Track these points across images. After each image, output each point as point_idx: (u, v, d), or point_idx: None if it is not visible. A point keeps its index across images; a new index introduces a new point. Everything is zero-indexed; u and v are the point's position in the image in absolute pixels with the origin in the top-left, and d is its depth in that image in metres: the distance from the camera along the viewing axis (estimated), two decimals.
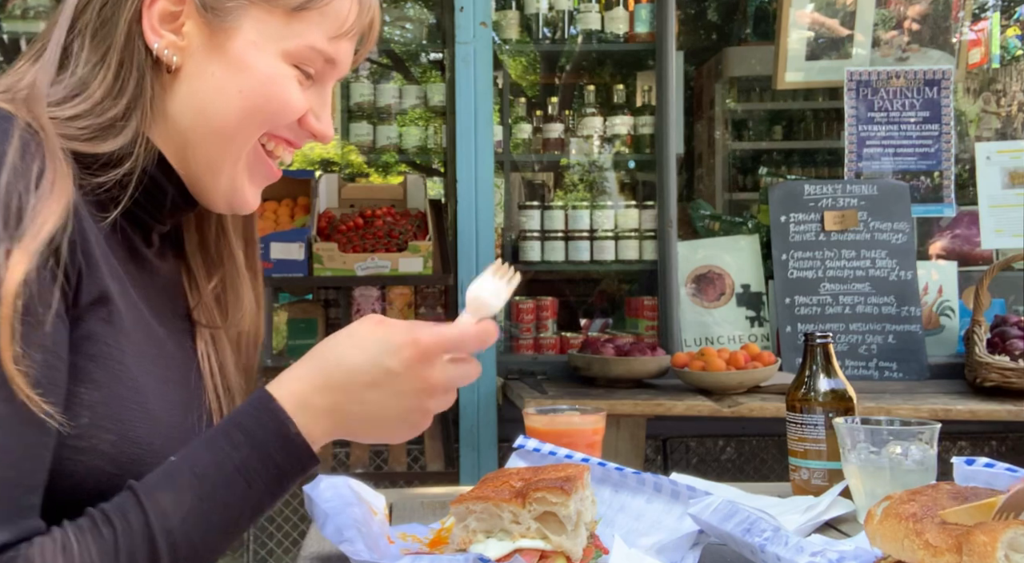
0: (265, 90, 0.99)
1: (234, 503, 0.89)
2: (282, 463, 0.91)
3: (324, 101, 1.05)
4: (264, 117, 1.00)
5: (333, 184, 3.35)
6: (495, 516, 1.02)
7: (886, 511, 0.93)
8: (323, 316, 3.84)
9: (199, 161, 1.01)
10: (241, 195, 1.04)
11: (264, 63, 0.99)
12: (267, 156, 1.04)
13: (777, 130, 5.44)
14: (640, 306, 3.76)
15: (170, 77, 0.99)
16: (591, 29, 3.88)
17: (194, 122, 0.99)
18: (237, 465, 0.89)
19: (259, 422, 0.91)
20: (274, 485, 0.91)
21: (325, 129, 1.05)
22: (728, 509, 1.06)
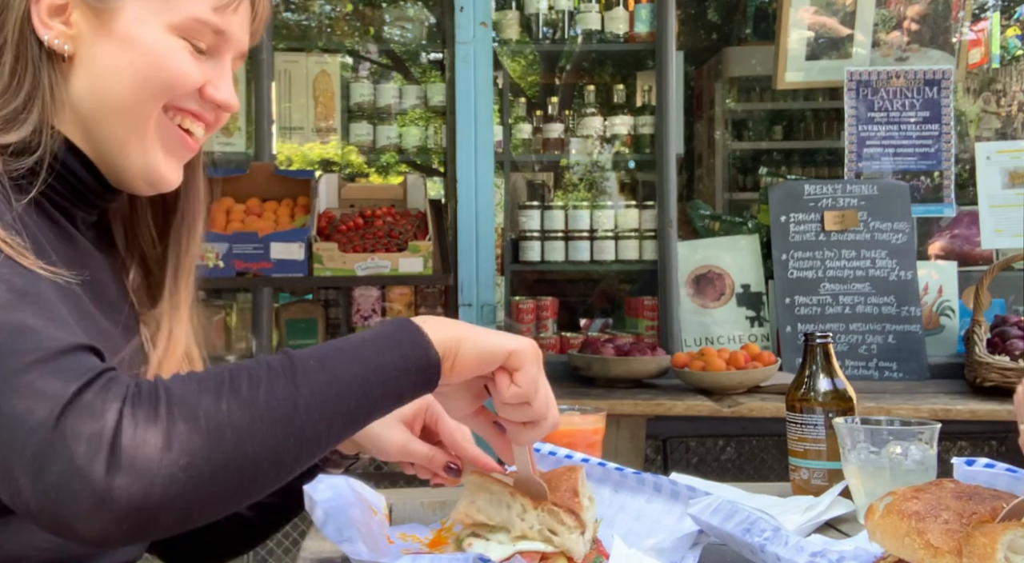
0: (154, 62, 1.02)
1: (354, 351, 0.90)
2: (401, 339, 0.92)
3: (222, 73, 1.08)
4: (157, 88, 1.03)
5: (333, 184, 3.35)
6: (504, 505, 1.02)
7: (888, 507, 0.93)
8: (323, 316, 3.84)
9: (106, 142, 1.04)
10: (157, 171, 1.06)
11: (151, 37, 1.02)
12: (177, 129, 1.07)
13: (777, 130, 5.44)
14: (640, 306, 3.76)
15: (66, 65, 1.03)
16: (591, 29, 3.88)
17: (93, 104, 1.03)
18: (361, 336, 0.92)
19: (379, 323, 0.99)
20: (392, 348, 0.91)
21: (227, 98, 1.08)
22: (728, 509, 1.06)
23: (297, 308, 3.91)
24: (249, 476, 0.81)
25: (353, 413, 0.88)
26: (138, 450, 0.76)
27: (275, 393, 0.82)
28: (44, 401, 0.77)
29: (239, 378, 0.82)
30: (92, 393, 0.78)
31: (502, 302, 3.92)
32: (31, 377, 0.79)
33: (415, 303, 3.84)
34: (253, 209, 3.26)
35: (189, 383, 0.82)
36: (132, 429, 0.77)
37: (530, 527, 1.01)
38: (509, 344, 0.95)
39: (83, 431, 0.76)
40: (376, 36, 4.64)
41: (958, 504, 0.90)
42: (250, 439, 0.80)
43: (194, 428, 0.78)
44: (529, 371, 0.95)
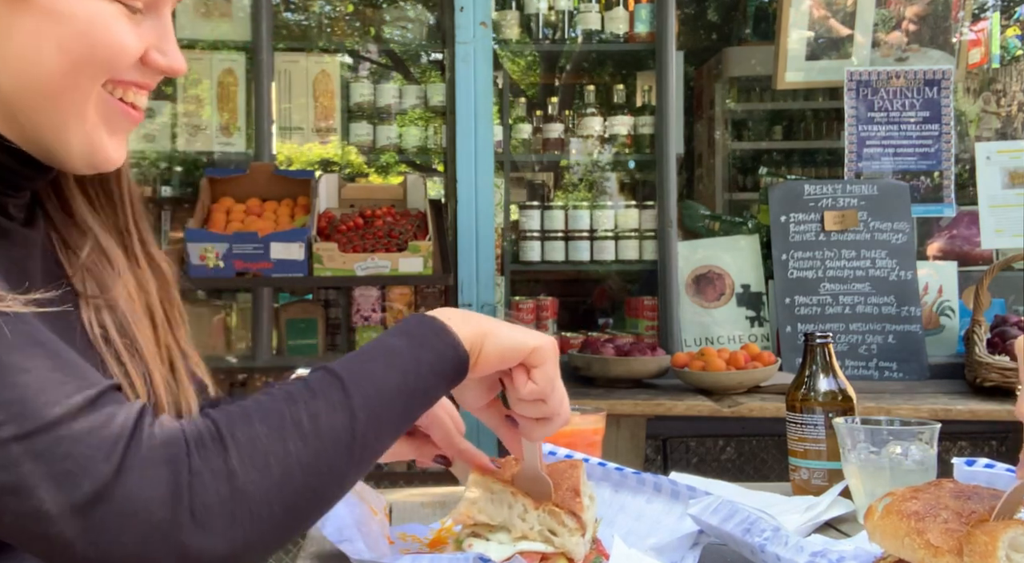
0: (88, 38, 0.86)
1: (398, 364, 0.89)
2: (432, 340, 0.92)
3: (164, 32, 0.92)
4: (95, 69, 0.88)
5: (333, 184, 3.35)
6: (506, 504, 1.02)
7: (887, 508, 0.93)
8: (323, 316, 3.84)
9: (38, 128, 0.89)
10: (102, 152, 0.92)
11: (79, 6, 0.85)
12: (120, 103, 0.92)
13: (777, 130, 5.44)
14: (640, 306, 3.76)
15: None
16: (591, 29, 3.89)
17: (15, 88, 0.86)
18: (391, 340, 0.91)
19: (405, 320, 0.95)
20: (426, 351, 0.91)
21: (173, 63, 0.93)
22: (728, 509, 1.06)
23: (297, 308, 3.91)
24: (317, 506, 0.83)
25: (399, 424, 0.89)
26: (216, 507, 0.75)
27: (334, 423, 0.82)
28: (93, 465, 0.72)
29: (297, 411, 0.81)
30: (145, 448, 0.74)
31: (502, 302, 3.93)
32: (64, 441, 0.72)
33: (415, 303, 3.84)
34: (253, 209, 3.26)
35: (250, 423, 0.80)
36: (206, 485, 0.75)
37: (531, 528, 1.01)
38: (531, 341, 0.95)
39: (153, 496, 0.73)
40: (376, 36, 4.64)
41: (957, 503, 0.90)
42: (317, 475, 0.81)
43: (266, 475, 0.78)
44: (547, 369, 0.96)
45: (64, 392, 0.74)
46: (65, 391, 0.75)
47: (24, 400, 0.73)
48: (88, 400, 0.75)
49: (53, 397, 0.74)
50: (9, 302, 0.78)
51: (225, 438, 0.78)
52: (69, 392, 0.75)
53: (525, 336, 0.96)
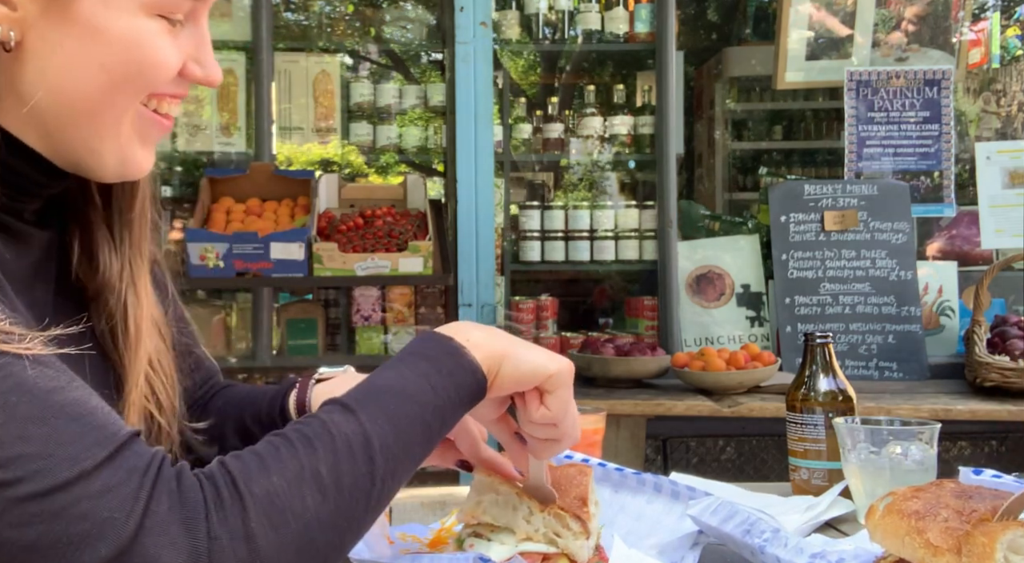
0: (131, 57, 0.85)
1: (414, 396, 0.86)
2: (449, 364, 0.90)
3: (201, 41, 0.91)
4: (137, 87, 0.87)
5: (333, 184, 3.35)
6: (511, 507, 1.02)
7: (888, 507, 0.93)
8: (323, 316, 3.84)
9: (73, 142, 0.88)
10: (134, 162, 0.91)
11: (122, 24, 0.84)
12: (154, 114, 0.91)
13: (777, 130, 5.44)
14: (640, 306, 3.76)
15: (11, 56, 0.83)
16: (591, 29, 3.89)
17: (53, 104, 0.85)
18: (405, 368, 0.89)
19: (420, 341, 0.92)
20: (445, 380, 0.89)
21: (210, 74, 0.92)
22: (728, 510, 1.06)
23: (297, 308, 3.91)
24: (334, 556, 0.80)
25: (418, 459, 0.87)
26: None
27: (355, 473, 0.80)
28: (110, 528, 0.69)
29: (317, 462, 0.78)
30: (164, 509, 0.72)
31: (502, 302, 3.93)
32: (83, 501, 0.69)
33: (415, 303, 3.84)
34: (253, 209, 3.26)
35: (267, 476, 0.76)
36: (224, 549, 0.72)
37: (536, 530, 1.01)
38: (548, 368, 0.94)
39: (172, 559, 0.70)
40: (376, 36, 4.64)
41: (958, 503, 0.90)
42: (335, 529, 0.79)
43: (285, 534, 0.75)
44: (561, 395, 0.95)
45: (83, 446, 0.71)
46: (84, 445, 0.71)
47: (43, 456, 0.70)
48: (108, 455, 0.72)
49: (72, 452, 0.71)
50: (30, 344, 0.74)
51: (243, 495, 0.75)
52: (88, 445, 0.71)
53: (542, 360, 0.94)
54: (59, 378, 0.74)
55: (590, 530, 1.02)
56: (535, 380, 0.94)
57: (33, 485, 0.69)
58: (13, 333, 0.74)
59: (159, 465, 0.74)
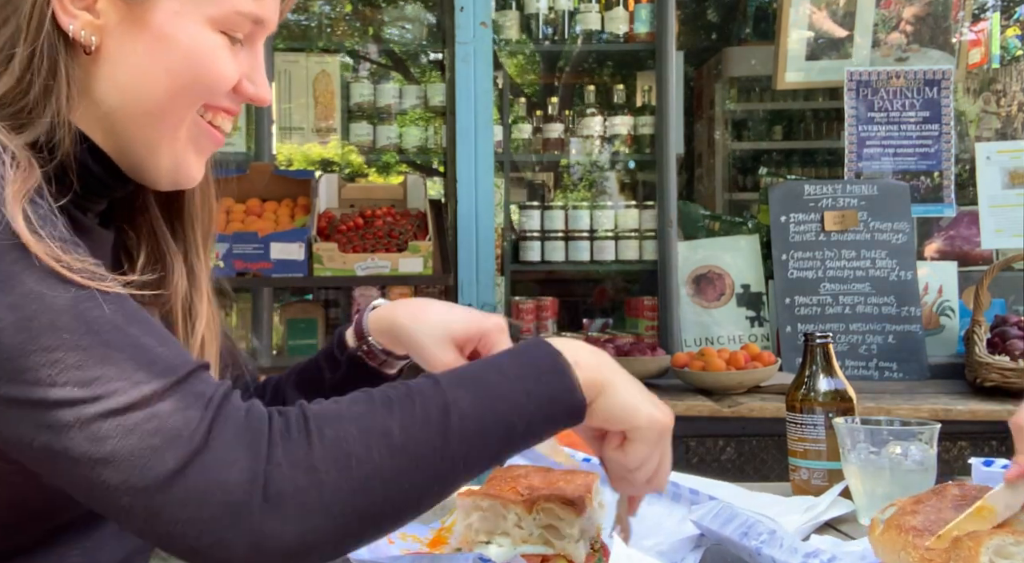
0: (194, 65, 0.93)
1: (506, 393, 0.86)
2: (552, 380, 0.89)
3: (256, 63, 1.00)
4: (196, 93, 0.95)
5: (333, 184, 3.35)
6: (500, 516, 1.01)
7: (888, 522, 0.94)
8: (323, 316, 3.84)
9: (134, 142, 0.95)
10: (186, 170, 0.99)
11: (190, 34, 0.92)
12: (209, 125, 0.99)
13: (777, 130, 5.44)
14: (640, 306, 3.76)
15: (90, 58, 0.92)
16: (591, 29, 3.89)
17: (121, 104, 0.93)
18: (505, 366, 0.89)
19: (529, 346, 0.92)
20: (542, 388, 0.88)
21: (262, 93, 1.00)
22: (728, 514, 1.07)
23: (297, 308, 3.91)
24: (391, 521, 0.82)
25: (493, 456, 0.86)
26: (291, 496, 0.76)
27: (426, 442, 0.81)
28: (177, 443, 0.75)
29: (391, 421, 0.80)
30: (230, 431, 0.77)
31: (502, 302, 3.93)
32: (154, 418, 0.76)
33: None
34: (253, 209, 3.26)
35: (340, 423, 0.80)
36: (284, 474, 0.76)
37: (529, 534, 1.01)
38: (640, 418, 0.92)
39: (229, 478, 0.75)
40: (376, 36, 4.64)
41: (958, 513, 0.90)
42: (397, 488, 0.80)
43: (346, 477, 0.78)
44: (640, 450, 0.93)
45: (157, 370, 0.78)
46: (157, 369, 0.78)
47: (120, 377, 0.76)
48: (179, 378, 0.78)
49: (146, 375, 0.77)
50: (110, 283, 0.81)
51: (312, 433, 0.78)
52: (161, 370, 0.78)
53: (639, 406, 0.92)
54: (136, 312, 0.82)
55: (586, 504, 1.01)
56: (622, 425, 0.92)
57: (111, 403, 0.76)
58: (96, 272, 0.81)
59: (225, 393, 0.80)
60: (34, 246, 0.79)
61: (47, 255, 0.79)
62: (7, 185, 0.81)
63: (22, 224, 0.79)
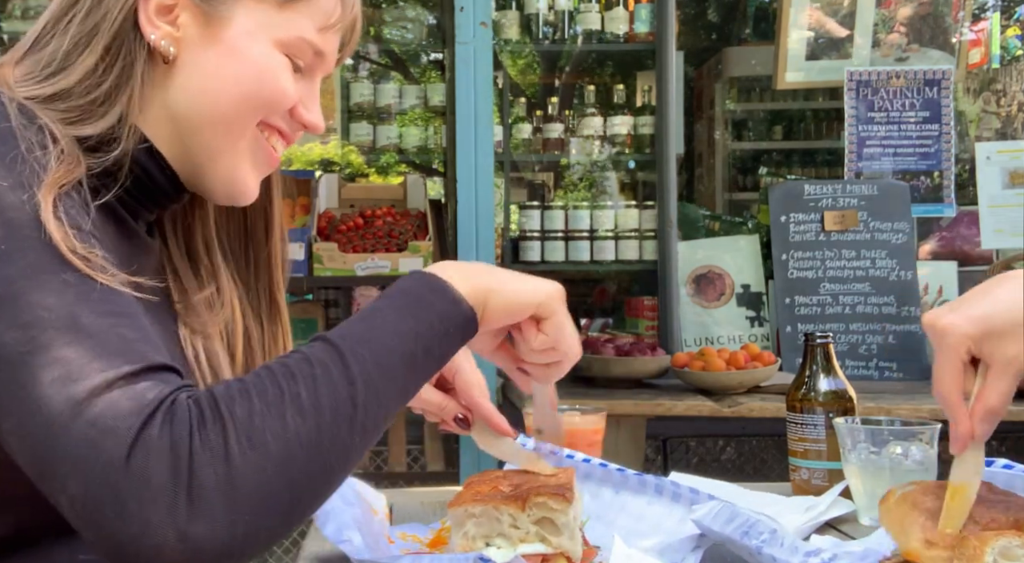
0: (260, 77, 1.00)
1: (395, 327, 0.89)
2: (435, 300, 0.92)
3: (313, 93, 1.07)
4: (259, 103, 1.01)
5: (333, 184, 3.35)
6: (494, 520, 1.01)
7: (904, 495, 0.94)
8: (323, 316, 3.84)
9: (198, 149, 1.01)
10: (242, 183, 1.04)
11: (259, 51, 1.00)
12: (266, 143, 1.05)
13: (777, 130, 5.45)
14: (640, 306, 3.76)
15: (166, 67, 0.99)
16: (591, 29, 3.88)
17: (190, 110, 1.00)
18: (386, 303, 0.92)
19: (404, 279, 0.95)
20: (426, 311, 0.91)
21: (316, 119, 1.07)
22: (728, 513, 1.07)
23: (297, 308, 3.91)
24: (322, 484, 0.82)
25: (404, 389, 0.88)
26: (214, 492, 0.75)
27: (334, 394, 0.82)
28: (112, 437, 0.75)
29: (295, 385, 0.81)
30: (157, 426, 0.76)
31: None
32: (96, 408, 0.76)
33: None
34: None
35: (248, 399, 0.80)
36: (204, 469, 0.75)
37: (526, 532, 1.01)
38: (538, 296, 0.96)
39: (155, 477, 0.74)
40: (376, 36, 4.64)
41: (977, 511, 0.90)
42: (319, 450, 0.80)
43: (264, 454, 0.77)
44: (557, 319, 0.97)
45: (116, 362, 0.78)
46: (117, 361, 0.78)
47: (79, 363, 0.77)
48: (131, 372, 0.78)
49: (105, 364, 0.78)
50: (110, 277, 0.84)
51: (223, 416, 0.78)
52: (120, 363, 0.78)
53: (530, 289, 0.97)
54: (122, 307, 0.83)
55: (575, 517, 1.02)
56: (526, 311, 0.97)
57: (63, 388, 0.76)
58: (100, 264, 0.84)
59: (171, 391, 0.79)
60: (51, 227, 0.82)
61: (59, 238, 0.82)
62: (48, 174, 0.85)
63: (48, 207, 0.83)
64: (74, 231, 0.84)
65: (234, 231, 1.16)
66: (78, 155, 0.91)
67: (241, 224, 1.16)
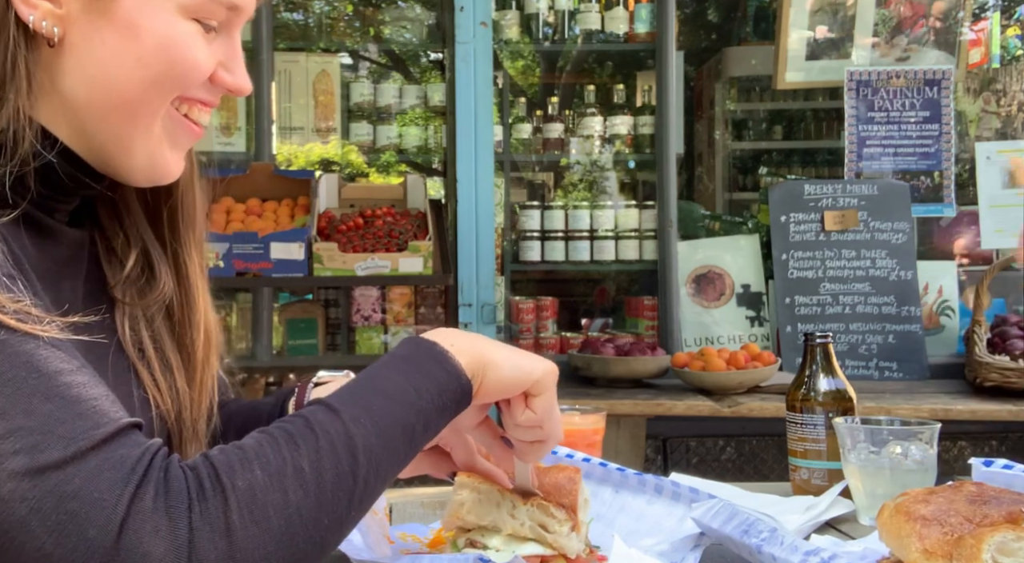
0: (166, 55, 0.88)
1: (398, 397, 0.86)
2: (434, 369, 0.89)
3: (233, 51, 0.94)
4: (169, 84, 0.89)
5: (333, 184, 3.35)
6: (494, 504, 1.02)
7: (897, 507, 0.93)
8: (323, 316, 3.84)
9: (105, 139, 0.90)
10: (163, 165, 0.94)
11: (160, 23, 0.87)
12: (184, 119, 0.94)
13: (777, 130, 5.44)
14: (640, 306, 3.76)
15: (52, 51, 0.86)
16: (591, 29, 3.89)
17: (89, 98, 0.88)
18: (389, 370, 0.88)
19: (405, 345, 0.92)
20: (427, 382, 0.88)
21: (239, 82, 0.95)
22: (728, 512, 1.07)
23: (297, 308, 3.91)
24: (316, 556, 0.79)
25: (401, 461, 0.86)
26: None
27: (337, 470, 0.79)
28: (99, 511, 0.69)
29: (299, 458, 0.78)
30: (150, 498, 0.71)
31: (502, 302, 3.93)
32: (75, 479, 0.70)
33: (415, 303, 3.84)
34: (253, 209, 3.26)
35: (250, 470, 0.76)
36: (205, 544, 0.72)
37: (521, 524, 1.01)
38: (535, 373, 0.94)
39: (153, 551, 0.70)
40: (376, 36, 4.64)
41: (970, 509, 0.89)
42: (317, 525, 0.77)
43: (266, 530, 0.74)
44: (546, 398, 0.95)
45: (82, 427, 0.72)
46: (83, 426, 0.72)
47: (41, 431, 0.71)
48: (103, 438, 0.73)
49: (70, 431, 0.72)
50: (47, 326, 0.77)
51: (225, 488, 0.74)
52: (87, 428, 0.72)
53: (527, 367, 0.94)
54: (70, 361, 0.76)
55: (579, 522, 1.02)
56: (521, 386, 0.94)
57: (28, 459, 0.70)
58: (32, 314, 0.76)
59: (152, 455, 0.75)
60: None
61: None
62: None
63: None
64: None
65: (159, 205, 1.04)
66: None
67: (165, 197, 1.04)
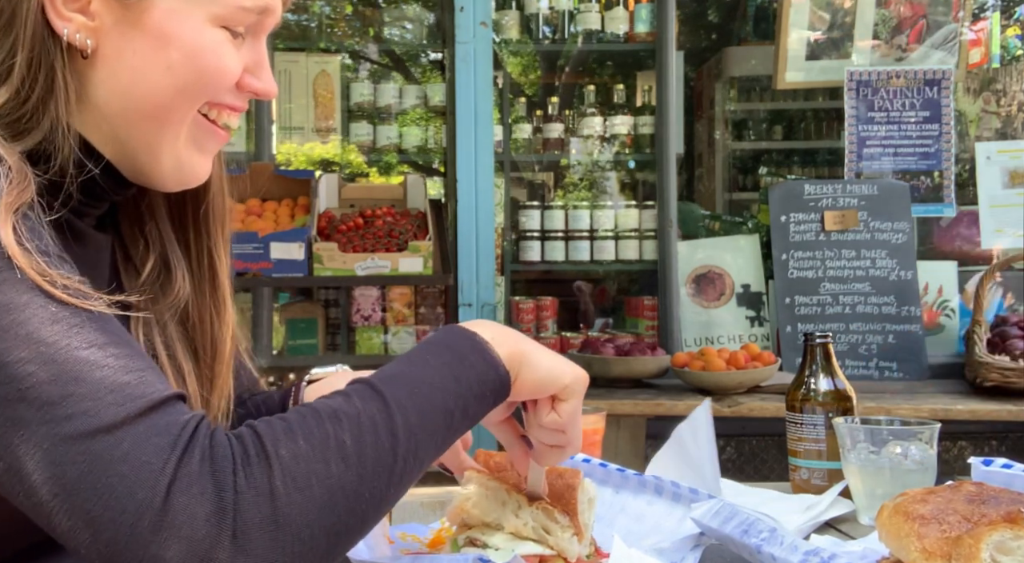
0: (195, 63, 0.90)
1: (439, 383, 0.87)
2: (476, 361, 0.90)
3: (259, 56, 0.97)
4: (198, 91, 0.92)
5: (333, 184, 3.35)
6: (500, 502, 1.02)
7: (896, 507, 0.93)
8: (323, 316, 3.84)
9: (136, 145, 0.93)
10: (190, 169, 0.96)
11: (189, 32, 0.89)
12: (212, 124, 0.96)
13: (777, 130, 5.44)
14: (640, 306, 3.76)
15: (87, 62, 0.90)
16: (591, 29, 3.89)
17: (121, 107, 0.91)
18: (430, 356, 0.89)
19: (444, 333, 0.93)
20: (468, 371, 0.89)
21: (267, 86, 0.97)
22: (728, 512, 1.07)
23: (297, 308, 3.91)
24: (357, 530, 0.80)
25: (440, 446, 0.87)
26: (257, 529, 0.73)
27: (378, 446, 0.80)
28: (147, 473, 0.72)
29: (341, 432, 0.79)
30: (196, 462, 0.74)
31: (502, 302, 3.93)
32: (124, 443, 0.73)
33: (415, 303, 3.84)
34: (253, 209, 3.26)
35: (294, 440, 0.78)
36: (249, 507, 0.74)
37: (524, 524, 1.01)
38: (565, 377, 0.95)
39: (199, 512, 0.72)
40: (376, 36, 4.64)
41: (968, 508, 0.89)
42: (358, 498, 0.79)
43: (308, 497, 0.76)
44: (574, 404, 0.97)
45: (131, 394, 0.75)
46: (132, 394, 0.75)
47: (92, 397, 0.74)
48: (151, 405, 0.75)
49: (120, 398, 0.74)
50: (95, 302, 0.80)
51: (270, 455, 0.76)
52: (135, 395, 0.75)
53: (560, 368, 0.95)
54: (118, 334, 0.80)
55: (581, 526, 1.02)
56: (552, 388, 0.95)
57: (80, 424, 0.73)
58: (81, 290, 0.80)
59: (196, 423, 0.77)
60: (19, 258, 0.77)
61: (31, 269, 0.77)
62: (0, 198, 0.80)
63: (10, 236, 0.78)
64: (45, 258, 0.79)
65: (188, 208, 1.08)
66: (27, 172, 0.84)
67: (194, 201, 1.08)
